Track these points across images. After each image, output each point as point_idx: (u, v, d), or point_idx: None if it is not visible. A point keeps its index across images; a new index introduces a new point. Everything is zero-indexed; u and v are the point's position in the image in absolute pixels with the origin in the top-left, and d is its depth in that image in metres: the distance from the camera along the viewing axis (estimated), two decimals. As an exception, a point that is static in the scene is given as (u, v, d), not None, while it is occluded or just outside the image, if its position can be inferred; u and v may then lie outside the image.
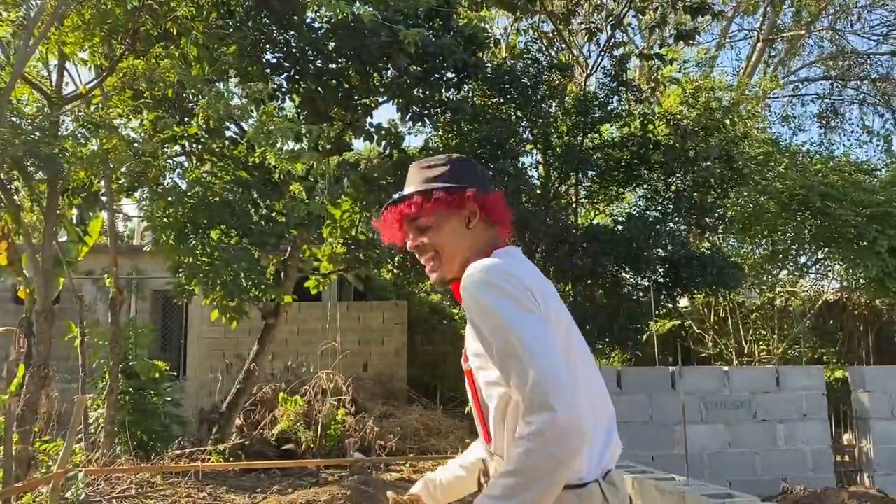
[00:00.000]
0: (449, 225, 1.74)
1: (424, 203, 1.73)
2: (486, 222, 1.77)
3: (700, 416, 7.07)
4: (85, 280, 13.49)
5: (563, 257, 8.78)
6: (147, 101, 9.59)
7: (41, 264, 8.39)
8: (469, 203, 1.74)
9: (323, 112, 9.54)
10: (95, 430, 9.45)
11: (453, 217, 1.74)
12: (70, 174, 8.22)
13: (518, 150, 10.30)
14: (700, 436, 7.15)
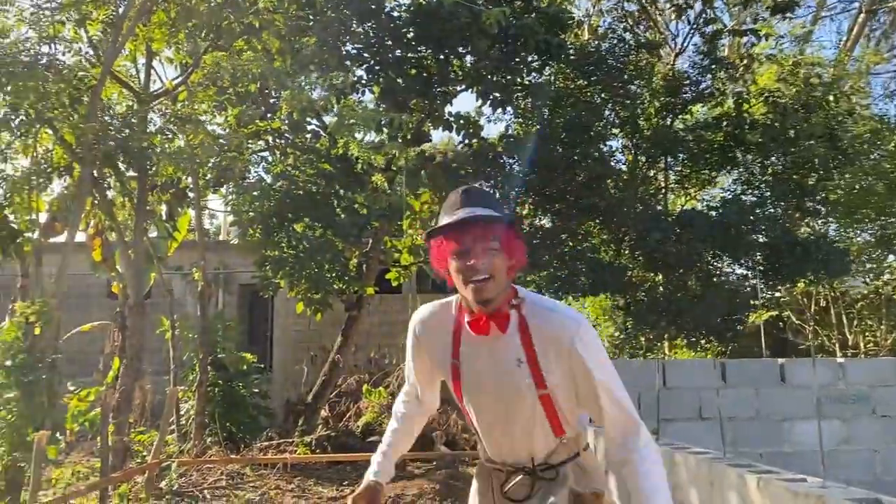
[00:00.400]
0: (505, 261, 1.91)
1: (509, 235, 1.92)
2: (511, 271, 1.97)
3: (812, 411, 6.58)
4: (174, 275, 13.84)
5: (655, 245, 8.38)
6: (230, 98, 9.72)
7: (133, 260, 8.56)
8: (519, 254, 1.96)
9: (402, 103, 9.42)
10: (186, 421, 9.63)
11: (510, 257, 1.93)
12: (159, 169, 8.35)
13: (604, 133, 9.91)
14: (811, 433, 6.66)
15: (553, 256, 9.44)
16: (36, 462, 5.72)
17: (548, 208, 9.90)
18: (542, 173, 9.52)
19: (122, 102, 9.37)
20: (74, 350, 13.56)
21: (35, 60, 6.75)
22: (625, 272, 9.48)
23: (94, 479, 6.93)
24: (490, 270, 1.87)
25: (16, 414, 6.30)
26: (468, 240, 1.88)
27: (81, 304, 14.83)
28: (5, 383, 6.42)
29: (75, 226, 7.46)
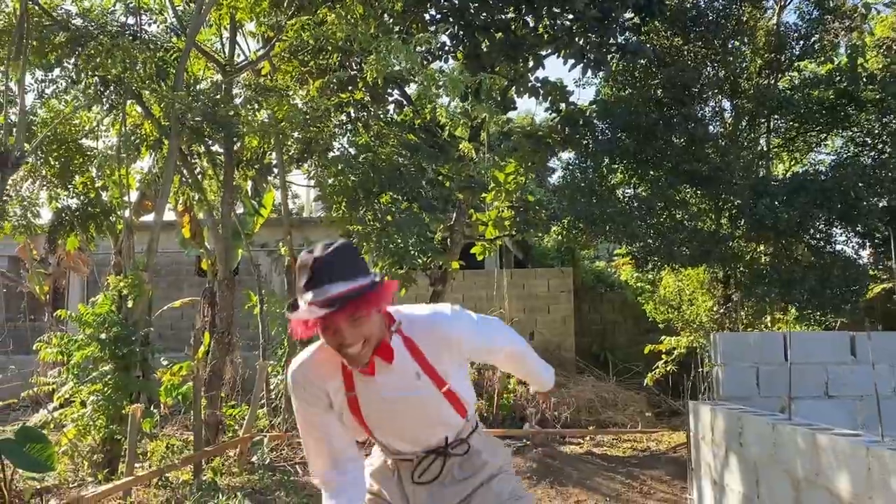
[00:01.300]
0: (376, 318, 1.95)
1: (368, 300, 1.88)
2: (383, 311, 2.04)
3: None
4: (260, 252, 13.95)
5: (764, 212, 7.78)
6: (312, 71, 9.57)
7: (221, 236, 8.55)
8: (386, 297, 1.94)
9: (488, 68, 9.05)
10: (276, 395, 9.64)
11: (378, 311, 1.97)
12: (245, 142, 8.27)
13: (704, 94, 9.29)
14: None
15: (648, 227, 8.94)
16: (132, 435, 5.71)
17: (643, 175, 9.37)
18: (637, 139, 8.99)
19: (208, 77, 9.36)
20: (165, 326, 13.91)
21: (121, 31, 6.70)
22: (726, 242, 8.89)
23: (187, 452, 6.94)
24: (362, 337, 1.91)
25: (111, 387, 6.34)
26: (333, 322, 1.87)
27: (172, 281, 15.18)
28: (101, 356, 6.47)
29: (164, 201, 7.45)
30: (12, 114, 6.86)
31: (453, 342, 2.09)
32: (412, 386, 2.07)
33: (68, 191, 9.18)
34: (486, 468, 2.24)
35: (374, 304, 1.92)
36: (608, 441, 9.11)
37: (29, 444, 4.38)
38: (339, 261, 1.92)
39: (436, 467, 2.20)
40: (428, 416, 2.15)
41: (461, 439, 2.22)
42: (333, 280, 1.87)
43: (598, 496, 6.30)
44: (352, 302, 1.85)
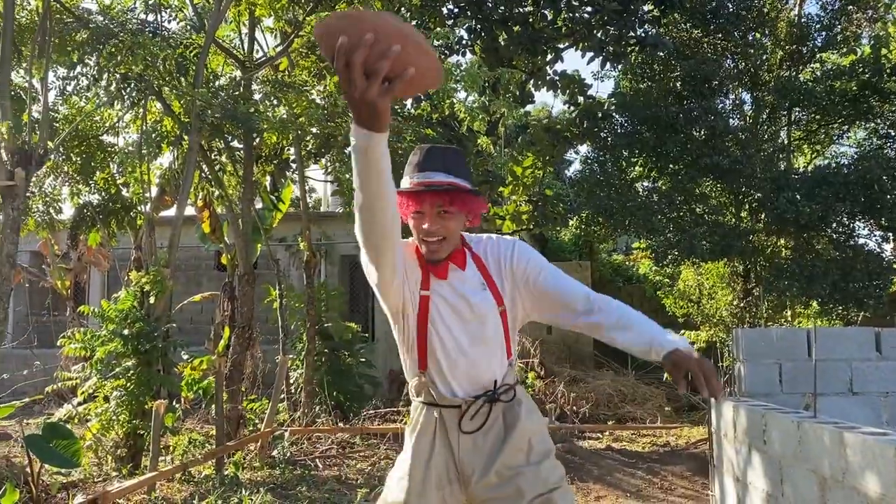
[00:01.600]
0: (461, 221, 2.11)
1: (462, 198, 2.07)
2: (467, 221, 2.16)
3: None
4: (278, 246, 14.01)
5: (786, 205, 7.70)
6: (329, 66, 9.58)
7: (241, 231, 8.59)
8: (477, 207, 2.14)
9: (506, 62, 9.03)
10: (296, 390, 9.70)
11: (466, 214, 2.12)
12: (264, 138, 8.30)
13: (724, 87, 9.20)
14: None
15: (668, 220, 8.88)
16: (155, 430, 5.77)
17: (662, 169, 9.31)
18: (656, 132, 8.93)
19: (227, 73, 9.40)
20: (185, 320, 14.01)
21: (141, 28, 6.73)
22: (747, 236, 8.83)
23: (209, 446, 7.00)
24: (443, 233, 2.07)
25: (134, 382, 6.41)
26: (425, 205, 2.06)
27: (191, 276, 15.29)
28: (123, 352, 6.53)
29: (185, 197, 7.49)
30: (35, 111, 6.93)
31: (507, 257, 2.16)
32: (478, 294, 2.14)
33: (89, 187, 9.26)
34: (528, 431, 2.18)
35: (465, 206, 2.09)
36: (627, 436, 9.08)
37: (56, 440, 4.43)
38: (451, 157, 2.13)
39: (482, 413, 2.16)
40: (485, 334, 2.15)
41: (508, 385, 2.19)
42: (441, 170, 2.05)
43: (618, 492, 6.29)
44: (448, 193, 2.03)
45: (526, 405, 2.22)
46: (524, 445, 2.16)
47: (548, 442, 2.24)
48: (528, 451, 2.16)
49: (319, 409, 9.19)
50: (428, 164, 2.06)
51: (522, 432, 2.16)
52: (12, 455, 6.94)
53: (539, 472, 2.13)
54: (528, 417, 2.19)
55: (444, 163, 2.08)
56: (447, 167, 2.08)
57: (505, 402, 2.17)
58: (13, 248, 5.99)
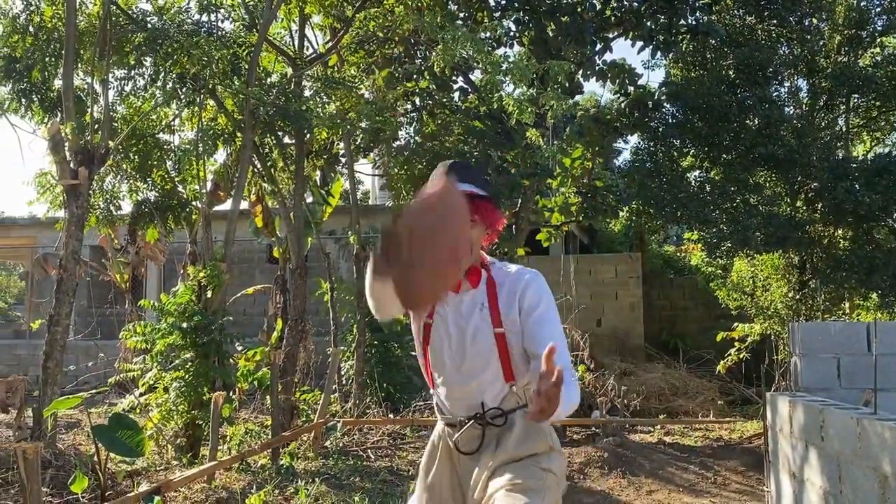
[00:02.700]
0: (482, 232, 2.20)
1: (486, 209, 2.18)
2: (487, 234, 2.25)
3: None
4: (328, 239, 14.20)
5: (844, 195, 7.50)
6: (378, 61, 9.66)
7: (293, 225, 8.75)
8: (497, 221, 2.24)
9: (555, 53, 8.97)
10: (347, 381, 9.85)
11: (487, 227, 2.22)
12: (314, 133, 8.42)
13: (779, 74, 8.98)
14: None
15: (721, 211, 8.73)
16: (214, 420, 5.94)
17: (715, 159, 9.14)
18: (709, 121, 8.78)
19: (277, 71, 9.55)
20: (238, 312, 14.32)
21: (197, 29, 6.89)
22: (803, 227, 8.62)
23: (264, 436, 7.17)
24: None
25: (192, 374, 6.60)
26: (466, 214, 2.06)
27: (244, 269, 15.62)
28: (182, 344, 6.72)
29: (240, 193, 7.66)
30: (96, 112, 7.16)
31: (520, 286, 2.17)
32: (473, 315, 2.19)
33: (147, 184, 9.52)
34: (519, 449, 2.16)
35: (486, 217, 2.18)
36: (679, 430, 8.99)
37: (121, 430, 4.61)
38: (474, 171, 2.27)
39: (475, 439, 2.19)
40: (478, 356, 2.17)
41: (499, 409, 2.18)
42: (463, 180, 2.10)
43: (671, 486, 6.24)
44: (472, 201, 2.05)
45: (518, 433, 2.16)
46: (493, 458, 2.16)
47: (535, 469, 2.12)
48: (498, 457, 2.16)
49: (370, 400, 9.33)
50: (453, 176, 2.08)
51: (505, 458, 2.14)
52: (78, 443, 7.23)
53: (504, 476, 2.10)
54: (517, 445, 2.15)
55: (469, 175, 2.17)
56: (471, 179, 2.16)
57: (497, 427, 2.17)
58: (78, 245, 6.23)
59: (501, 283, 2.19)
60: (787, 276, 9.96)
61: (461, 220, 1.89)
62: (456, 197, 1.88)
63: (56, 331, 6.05)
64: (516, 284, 2.17)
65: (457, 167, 2.18)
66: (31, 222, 16.81)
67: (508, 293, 2.17)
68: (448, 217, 1.86)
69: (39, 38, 7.48)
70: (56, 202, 8.48)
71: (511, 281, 2.18)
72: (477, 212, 2.10)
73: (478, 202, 2.11)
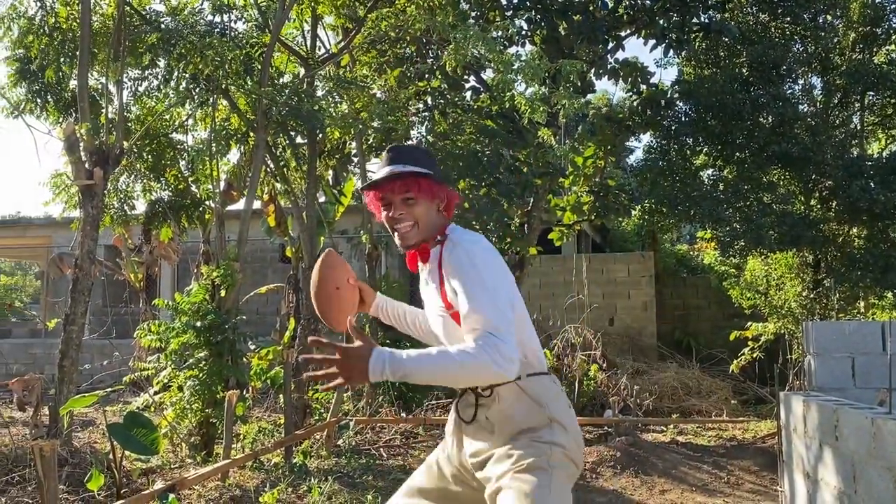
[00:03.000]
0: (428, 206, 2.17)
1: (425, 185, 2.15)
2: (441, 211, 2.22)
3: None
4: (340, 239, 14.25)
5: (859, 193, 7.45)
6: (390, 60, 9.68)
7: (306, 224, 8.79)
8: (443, 195, 2.21)
9: (567, 52, 8.96)
10: (359, 380, 9.85)
11: (432, 201, 2.18)
12: (326, 133, 8.45)
13: (793, 72, 8.93)
14: None
15: (734, 210, 8.69)
16: (228, 419, 5.97)
17: (728, 158, 9.10)
18: (722, 119, 8.74)
19: (290, 71, 9.59)
20: (251, 311, 14.40)
21: (210, 29, 6.93)
22: (818, 225, 8.57)
23: (277, 435, 7.21)
24: (412, 218, 2.15)
25: (206, 372, 6.64)
26: (389, 195, 2.15)
27: (257, 268, 15.70)
28: (196, 343, 6.77)
29: (253, 192, 7.70)
30: (110, 112, 7.21)
31: (446, 264, 2.09)
32: (433, 293, 2.19)
33: (160, 183, 9.59)
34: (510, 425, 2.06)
35: (428, 192, 2.16)
36: (692, 429, 8.95)
37: (136, 428, 4.64)
38: (415, 152, 2.24)
39: (469, 407, 2.13)
40: (439, 327, 2.18)
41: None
42: (403, 162, 2.15)
43: (684, 486, 6.23)
44: (410, 179, 2.12)
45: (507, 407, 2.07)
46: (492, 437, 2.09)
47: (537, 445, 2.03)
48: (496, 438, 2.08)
49: (382, 398, 9.34)
50: (394, 159, 2.16)
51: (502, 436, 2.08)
52: (93, 441, 7.30)
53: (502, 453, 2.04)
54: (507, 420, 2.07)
55: (412, 156, 2.18)
56: (414, 160, 2.16)
57: (485, 398, 2.09)
58: (93, 244, 6.28)
59: (446, 259, 2.11)
60: (801, 275, 9.91)
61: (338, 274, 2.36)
62: (330, 257, 2.39)
63: (72, 329, 6.10)
64: (449, 258, 2.09)
65: (394, 150, 2.20)
66: (47, 222, 16.97)
67: (448, 270, 2.10)
68: (324, 274, 2.36)
69: (54, 39, 7.54)
70: (71, 202, 8.56)
71: (448, 256, 2.10)
72: (419, 189, 2.12)
73: (419, 179, 2.12)
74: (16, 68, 7.85)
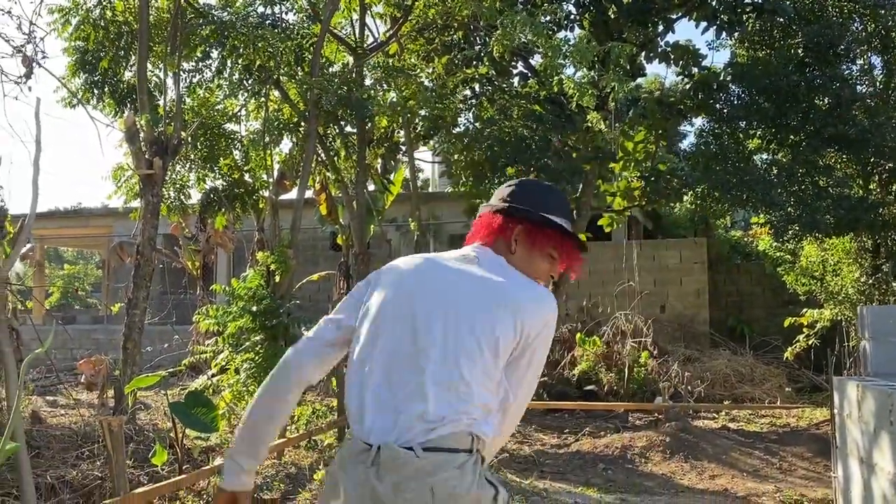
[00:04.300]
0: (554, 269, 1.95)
1: (576, 253, 1.92)
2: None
3: None
4: (389, 226, 14.42)
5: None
6: (438, 48, 9.73)
7: (356, 212, 8.94)
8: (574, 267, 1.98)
9: (616, 35, 8.87)
10: (409, 365, 9.99)
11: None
12: (375, 122, 8.56)
13: (853, 51, 8.68)
14: None
15: (789, 194, 8.51)
16: (283, 400, 6.14)
17: (783, 141, 8.90)
18: (776, 102, 8.55)
19: (339, 61, 9.72)
20: (304, 297, 14.67)
21: (261, 21, 7.08)
22: (876, 209, 8.34)
23: (331, 416, 7.39)
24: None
25: (262, 355, 6.84)
26: (564, 256, 1.87)
27: (309, 256, 15.97)
28: (252, 327, 6.97)
29: (305, 181, 7.87)
30: (167, 103, 7.44)
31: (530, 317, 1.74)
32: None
33: (215, 173, 9.85)
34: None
35: (569, 260, 1.92)
36: (745, 416, 8.86)
37: (196, 407, 4.82)
38: (558, 197, 1.95)
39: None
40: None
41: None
42: (552, 211, 1.86)
43: (734, 471, 6.18)
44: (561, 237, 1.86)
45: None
46: None
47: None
48: None
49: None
50: (566, 213, 1.89)
51: None
52: (155, 421, 7.59)
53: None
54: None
55: (556, 205, 1.88)
56: (559, 210, 1.88)
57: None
58: (153, 232, 6.51)
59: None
60: (858, 260, 9.66)
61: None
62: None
63: (134, 314, 6.35)
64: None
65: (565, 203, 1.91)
66: (107, 212, 17.54)
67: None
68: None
69: (110, 32, 7.78)
70: (131, 193, 8.86)
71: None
72: (563, 252, 1.85)
73: (566, 240, 1.85)
74: (75, 59, 8.13)
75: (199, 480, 4.65)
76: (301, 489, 5.19)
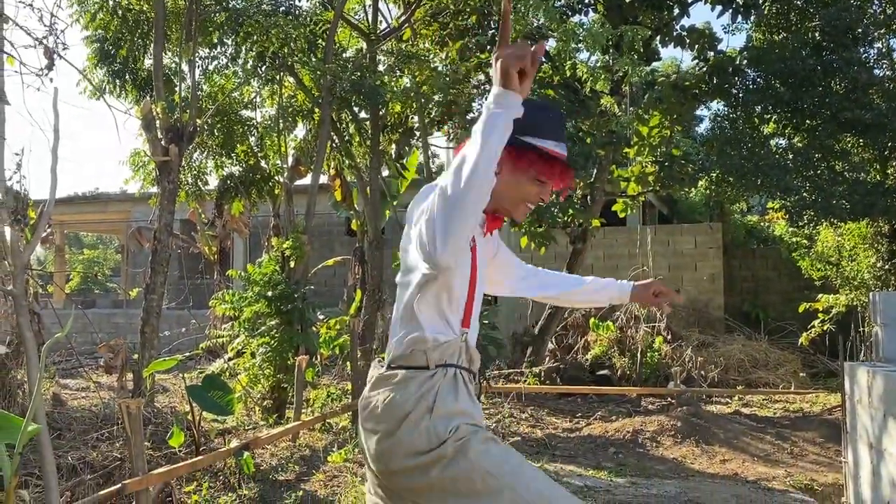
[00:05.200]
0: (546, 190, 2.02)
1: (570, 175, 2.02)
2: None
3: None
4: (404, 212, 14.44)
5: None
6: (451, 33, 9.72)
7: (370, 198, 8.99)
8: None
9: (631, 19, 8.82)
10: (423, 350, 10.06)
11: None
12: (388, 107, 8.59)
13: (871, 34, 8.58)
14: None
15: (804, 179, 8.47)
16: (298, 384, 6.25)
17: (798, 125, 8.84)
18: (792, 86, 8.48)
19: (352, 47, 9.75)
20: (320, 283, 14.80)
21: (275, 8, 7.12)
22: (893, 194, 8.28)
23: (346, 400, 7.48)
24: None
25: (277, 340, 6.94)
26: (555, 180, 1.93)
27: (324, 241, 16.09)
28: (268, 312, 7.07)
29: (319, 167, 7.92)
30: (183, 90, 7.52)
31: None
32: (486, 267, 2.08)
33: (231, 159, 9.93)
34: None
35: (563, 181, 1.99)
36: (758, 401, 8.86)
37: (213, 390, 4.93)
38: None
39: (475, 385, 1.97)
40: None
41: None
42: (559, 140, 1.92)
43: (745, 456, 6.21)
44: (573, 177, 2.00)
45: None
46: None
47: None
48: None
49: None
50: (558, 134, 1.91)
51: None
52: (172, 404, 7.72)
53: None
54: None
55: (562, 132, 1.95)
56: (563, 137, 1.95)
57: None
58: (170, 218, 6.61)
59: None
60: (875, 246, 9.61)
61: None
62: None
63: (152, 298, 6.46)
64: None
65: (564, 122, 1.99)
66: (125, 198, 17.73)
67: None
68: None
69: (126, 20, 7.86)
70: (149, 178, 8.97)
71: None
72: (550, 176, 1.91)
73: (553, 164, 1.90)
74: (95, 49, 8.22)
75: (215, 461, 4.75)
76: (315, 471, 5.29)
